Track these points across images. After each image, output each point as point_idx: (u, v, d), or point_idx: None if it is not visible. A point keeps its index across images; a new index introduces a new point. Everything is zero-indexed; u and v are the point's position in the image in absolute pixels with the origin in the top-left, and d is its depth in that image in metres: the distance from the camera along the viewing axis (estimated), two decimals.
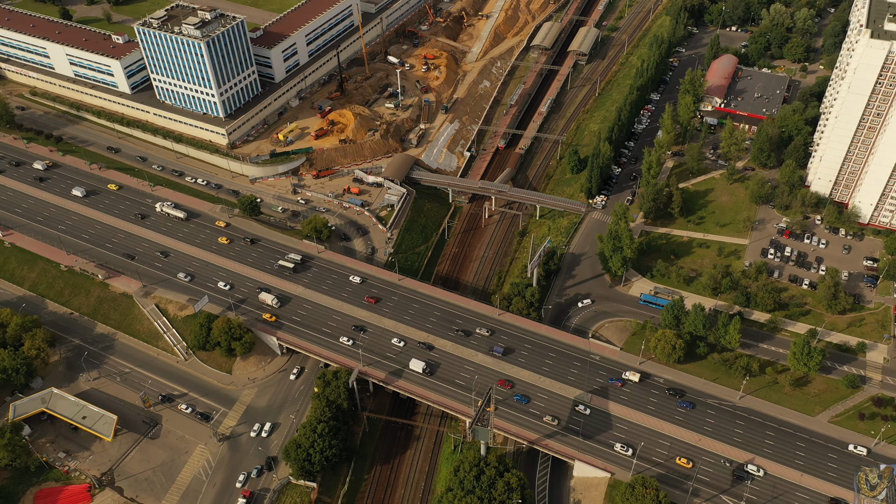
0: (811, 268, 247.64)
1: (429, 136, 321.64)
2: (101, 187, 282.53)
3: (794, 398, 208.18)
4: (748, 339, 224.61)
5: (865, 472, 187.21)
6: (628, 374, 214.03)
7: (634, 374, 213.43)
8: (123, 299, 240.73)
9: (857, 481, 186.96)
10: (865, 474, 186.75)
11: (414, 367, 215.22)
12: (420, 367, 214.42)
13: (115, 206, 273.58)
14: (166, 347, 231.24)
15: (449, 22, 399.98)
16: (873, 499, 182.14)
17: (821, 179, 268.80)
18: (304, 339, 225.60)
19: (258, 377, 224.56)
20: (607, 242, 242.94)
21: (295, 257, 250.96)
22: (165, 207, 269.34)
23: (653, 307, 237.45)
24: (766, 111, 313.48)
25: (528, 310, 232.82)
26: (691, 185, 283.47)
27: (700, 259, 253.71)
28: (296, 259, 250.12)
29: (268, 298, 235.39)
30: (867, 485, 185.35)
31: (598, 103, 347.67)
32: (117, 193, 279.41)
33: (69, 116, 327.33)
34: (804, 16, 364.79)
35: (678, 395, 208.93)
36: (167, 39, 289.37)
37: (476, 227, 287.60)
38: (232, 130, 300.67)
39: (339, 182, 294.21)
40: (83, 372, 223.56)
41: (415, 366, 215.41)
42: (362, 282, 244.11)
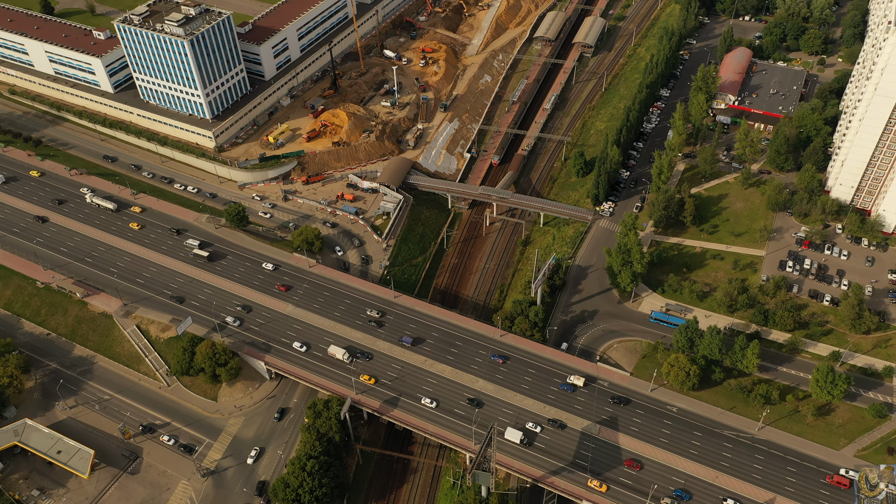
0: (832, 282, 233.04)
1: (427, 136, 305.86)
2: (76, 193, 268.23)
3: (816, 429, 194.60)
4: (766, 361, 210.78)
5: (865, 472, 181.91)
6: (573, 379, 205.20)
7: (579, 378, 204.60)
8: (103, 319, 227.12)
9: (857, 481, 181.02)
10: (865, 474, 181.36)
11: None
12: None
13: (94, 217, 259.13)
14: (148, 372, 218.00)
15: (448, 12, 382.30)
16: (873, 499, 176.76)
17: (842, 185, 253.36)
18: (294, 364, 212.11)
19: (245, 405, 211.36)
20: (616, 256, 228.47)
21: (268, 267, 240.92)
22: (95, 198, 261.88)
23: (664, 325, 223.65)
24: (782, 109, 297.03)
25: (532, 330, 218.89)
26: (704, 190, 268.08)
27: (714, 272, 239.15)
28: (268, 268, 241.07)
29: (338, 353, 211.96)
30: (867, 485, 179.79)
31: (604, 99, 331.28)
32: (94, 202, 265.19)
33: (49, 117, 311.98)
34: (821, 4, 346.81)
35: (622, 403, 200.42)
36: (149, 37, 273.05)
37: (476, 235, 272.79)
38: (219, 133, 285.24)
39: (333, 188, 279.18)
40: (60, 399, 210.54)
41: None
42: (349, 304, 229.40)
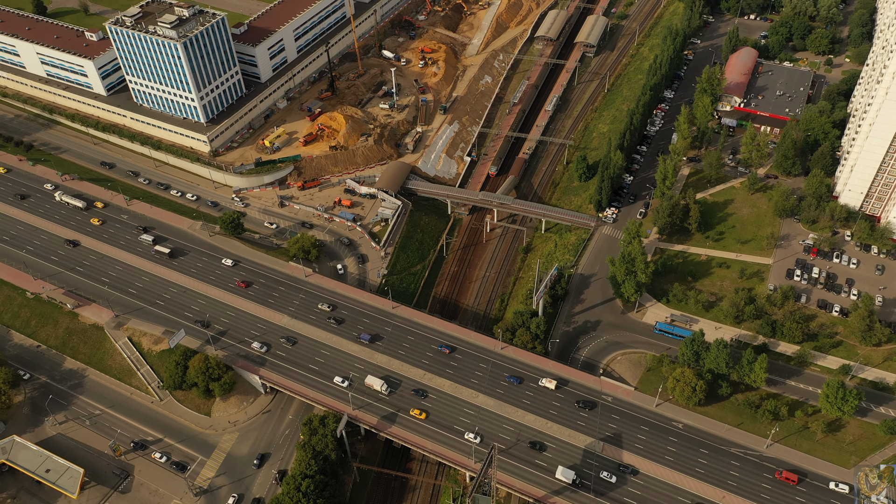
0: (841, 291, 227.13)
1: (426, 139, 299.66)
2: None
3: (826, 446, 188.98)
4: (774, 374, 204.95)
5: (865, 472, 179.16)
6: (544, 381, 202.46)
7: (550, 381, 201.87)
8: (94, 331, 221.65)
9: (857, 481, 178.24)
10: (865, 474, 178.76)
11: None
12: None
13: (86, 224, 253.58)
14: (140, 386, 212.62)
15: (448, 11, 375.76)
16: (873, 499, 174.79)
17: (851, 191, 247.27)
18: (290, 378, 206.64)
19: (239, 420, 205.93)
20: (619, 266, 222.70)
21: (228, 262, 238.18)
22: (64, 196, 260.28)
23: (669, 337, 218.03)
24: (789, 111, 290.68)
25: (534, 343, 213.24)
26: (709, 195, 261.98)
27: (720, 281, 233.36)
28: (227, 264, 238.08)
29: (376, 384, 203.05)
30: (867, 485, 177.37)
31: (607, 100, 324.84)
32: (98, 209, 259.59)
33: (42, 120, 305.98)
34: (828, 3, 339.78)
35: (588, 407, 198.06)
36: (141, 40, 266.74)
37: (477, 242, 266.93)
38: (214, 137, 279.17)
39: (330, 193, 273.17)
40: (49, 415, 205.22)
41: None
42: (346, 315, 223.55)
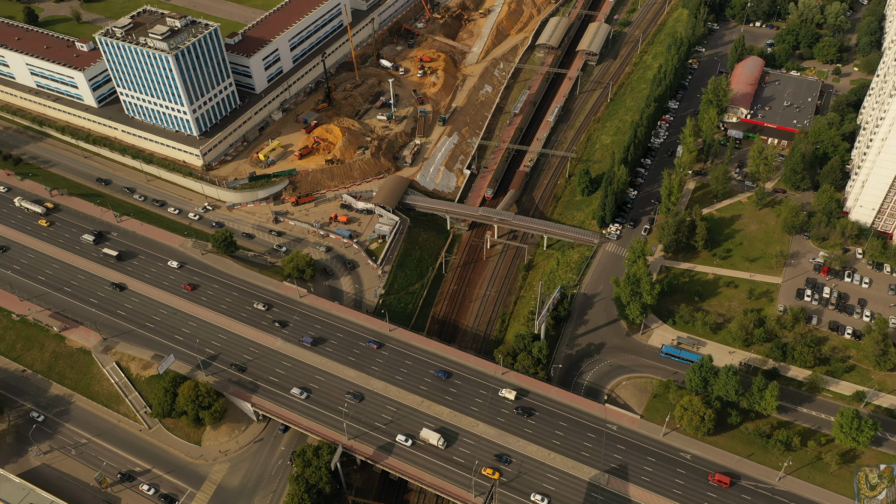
0: (853, 312, 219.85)
1: (424, 152, 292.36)
2: (57, 217, 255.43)
3: (841, 479, 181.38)
4: (785, 400, 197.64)
5: (865, 472, 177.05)
6: (504, 392, 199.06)
7: (510, 391, 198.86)
8: (81, 355, 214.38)
9: (856, 481, 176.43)
10: (865, 474, 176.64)
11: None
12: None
13: (75, 241, 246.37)
14: (128, 413, 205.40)
15: (447, 18, 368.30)
16: (873, 499, 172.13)
17: (862, 207, 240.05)
18: (283, 406, 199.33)
19: (230, 449, 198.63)
20: (624, 287, 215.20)
21: None
22: (23, 202, 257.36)
23: (676, 361, 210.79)
24: (796, 123, 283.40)
25: (536, 368, 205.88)
26: (716, 210, 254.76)
27: (728, 301, 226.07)
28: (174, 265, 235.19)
29: (432, 437, 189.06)
30: (867, 485, 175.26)
31: (610, 110, 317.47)
32: (76, 224, 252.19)
33: (31, 132, 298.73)
34: (836, 10, 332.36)
35: (526, 413, 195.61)
36: (132, 52, 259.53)
37: (477, 259, 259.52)
38: (207, 150, 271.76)
39: (326, 208, 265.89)
40: (33, 444, 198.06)
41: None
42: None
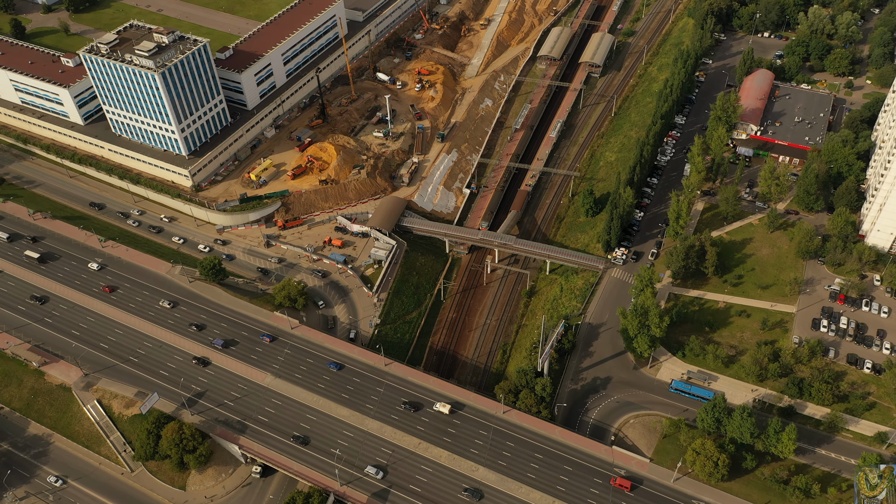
0: (872, 344, 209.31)
1: (422, 170, 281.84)
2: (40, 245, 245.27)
3: None
4: (802, 440, 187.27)
5: (865, 472, 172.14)
6: (438, 406, 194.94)
7: (444, 405, 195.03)
8: (61, 392, 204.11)
9: (857, 481, 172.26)
10: (865, 474, 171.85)
11: None
12: None
13: (58, 269, 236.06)
14: (109, 455, 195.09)
15: (446, 29, 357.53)
16: (873, 499, 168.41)
17: (880, 231, 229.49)
18: (273, 448, 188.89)
19: (217, 494, 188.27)
20: (632, 319, 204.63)
21: None
22: None
23: (686, 397, 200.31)
24: (808, 139, 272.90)
25: (539, 406, 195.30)
26: (725, 233, 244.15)
27: (740, 332, 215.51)
28: None
29: None
30: (867, 485, 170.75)
31: (614, 125, 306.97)
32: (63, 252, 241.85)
33: (15, 151, 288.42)
34: (847, 21, 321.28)
35: (414, 408, 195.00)
36: (117, 69, 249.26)
37: (477, 285, 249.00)
38: (196, 171, 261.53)
39: (320, 231, 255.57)
40: (8, 490, 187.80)
41: None
42: (339, 368, 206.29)
